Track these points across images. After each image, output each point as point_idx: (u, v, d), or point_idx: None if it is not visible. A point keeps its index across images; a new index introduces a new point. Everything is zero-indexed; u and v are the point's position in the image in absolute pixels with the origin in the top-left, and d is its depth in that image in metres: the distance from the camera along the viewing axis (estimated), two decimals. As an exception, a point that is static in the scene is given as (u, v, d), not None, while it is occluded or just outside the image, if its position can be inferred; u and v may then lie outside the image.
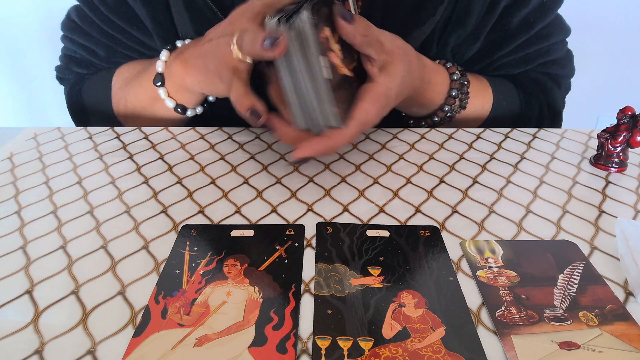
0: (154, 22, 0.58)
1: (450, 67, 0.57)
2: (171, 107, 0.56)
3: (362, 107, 0.42)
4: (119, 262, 0.37)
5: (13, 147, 0.55)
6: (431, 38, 0.58)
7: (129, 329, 0.31)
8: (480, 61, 0.62)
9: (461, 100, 0.57)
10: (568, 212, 0.43)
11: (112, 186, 0.47)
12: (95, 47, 0.63)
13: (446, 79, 0.56)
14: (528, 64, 0.63)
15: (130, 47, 0.63)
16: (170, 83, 0.54)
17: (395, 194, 0.46)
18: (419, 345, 0.30)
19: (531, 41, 0.61)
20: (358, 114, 0.42)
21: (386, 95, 0.44)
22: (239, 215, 0.43)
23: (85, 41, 0.63)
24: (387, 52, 0.44)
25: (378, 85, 0.44)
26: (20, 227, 0.41)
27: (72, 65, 0.66)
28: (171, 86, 0.55)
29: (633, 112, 0.48)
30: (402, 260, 0.37)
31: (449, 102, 0.56)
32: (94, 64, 0.65)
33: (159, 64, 0.55)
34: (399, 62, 0.45)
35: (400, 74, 0.45)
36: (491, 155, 0.53)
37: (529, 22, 0.59)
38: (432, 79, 0.54)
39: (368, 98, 0.43)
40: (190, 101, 0.56)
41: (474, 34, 0.59)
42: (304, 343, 0.30)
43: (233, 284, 0.35)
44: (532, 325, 0.31)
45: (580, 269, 0.36)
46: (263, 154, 0.53)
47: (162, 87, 0.55)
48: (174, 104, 0.56)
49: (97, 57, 0.64)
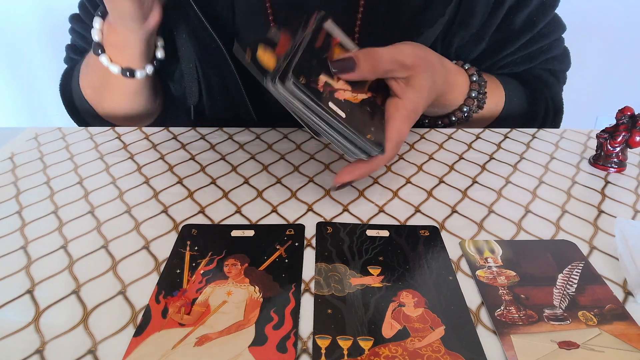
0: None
1: (469, 69, 0.57)
2: (117, 72, 0.56)
3: (395, 127, 0.41)
4: (119, 262, 0.37)
5: (14, 147, 0.55)
6: (435, 39, 0.58)
7: (130, 328, 0.31)
8: (485, 61, 0.63)
9: (479, 100, 0.57)
10: (567, 212, 0.43)
11: (112, 186, 0.47)
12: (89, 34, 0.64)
13: (466, 80, 0.56)
14: (532, 62, 0.63)
15: None
16: (108, 47, 0.55)
17: (395, 194, 0.46)
18: (419, 344, 0.30)
19: (534, 39, 0.61)
20: (392, 135, 0.41)
21: (415, 111, 0.43)
22: (239, 215, 0.43)
23: (82, 30, 0.65)
24: (409, 68, 0.42)
25: (407, 102, 0.42)
26: (21, 227, 0.41)
27: (70, 53, 0.69)
28: (110, 50, 0.56)
29: (632, 113, 0.48)
30: (402, 260, 0.37)
31: (468, 102, 0.57)
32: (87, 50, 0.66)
33: (94, 32, 0.55)
34: (423, 74, 0.43)
35: (427, 87, 0.44)
36: (490, 156, 0.53)
37: (532, 21, 0.60)
38: (454, 81, 0.54)
39: (399, 117, 0.41)
40: (132, 57, 0.56)
41: (479, 34, 0.59)
42: (304, 342, 0.31)
43: (233, 284, 0.35)
44: (531, 325, 0.32)
45: (580, 269, 0.36)
46: (263, 154, 0.53)
47: (104, 54, 0.56)
48: (119, 68, 0.56)
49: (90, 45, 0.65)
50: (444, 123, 0.60)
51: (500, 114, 0.62)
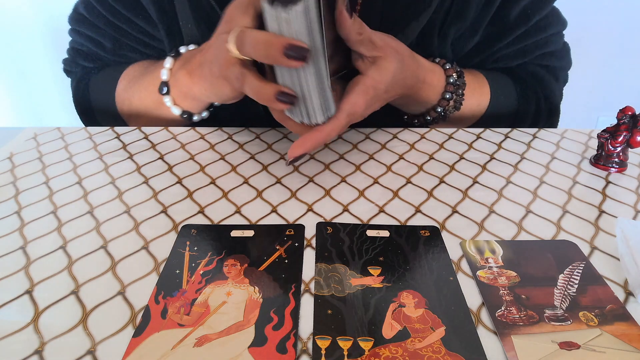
0: (158, 10, 0.58)
1: (448, 69, 0.57)
2: (177, 114, 0.56)
3: (350, 99, 0.43)
4: (119, 262, 0.37)
5: (13, 147, 0.55)
6: (432, 31, 0.58)
7: (129, 329, 0.31)
8: (479, 54, 0.62)
9: (455, 101, 0.57)
10: (568, 212, 0.43)
11: (112, 186, 0.47)
12: (102, 38, 0.63)
13: (442, 79, 0.56)
14: (526, 56, 0.63)
15: (135, 37, 0.63)
16: (176, 91, 0.54)
17: (395, 194, 0.46)
18: (419, 345, 0.30)
19: (529, 33, 0.61)
20: (346, 106, 0.43)
21: (374, 88, 0.44)
22: (239, 215, 0.43)
23: (92, 33, 0.63)
24: (378, 49, 0.44)
25: (367, 78, 0.44)
26: (20, 227, 0.41)
27: (78, 59, 0.66)
28: (177, 94, 0.55)
29: (633, 112, 0.48)
30: (402, 260, 0.37)
31: (442, 103, 0.56)
32: (100, 56, 0.65)
33: (164, 72, 0.55)
34: (390, 58, 0.45)
35: (392, 70, 0.45)
36: (491, 155, 0.53)
37: (526, 14, 0.60)
38: (427, 78, 0.54)
39: (356, 90, 0.43)
40: (196, 108, 0.56)
41: (473, 26, 0.59)
42: (304, 343, 0.30)
43: (233, 284, 0.35)
44: (532, 325, 0.31)
45: (581, 269, 0.36)
46: (263, 154, 0.53)
47: (168, 95, 0.55)
48: (180, 111, 0.56)
49: (103, 49, 0.64)
50: (420, 122, 0.60)
51: (484, 112, 0.62)
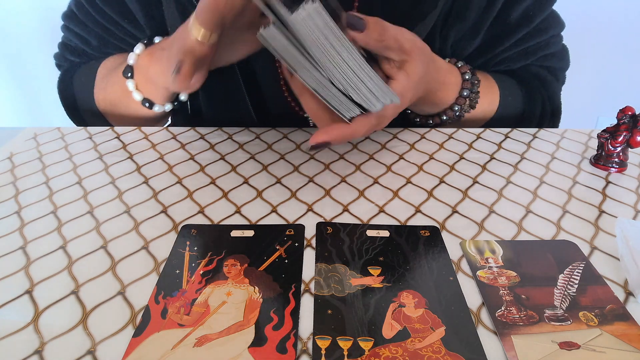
0: (146, 16, 0.59)
1: (462, 67, 0.57)
2: (138, 99, 0.57)
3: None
4: (119, 262, 0.37)
5: (13, 147, 0.55)
6: (433, 33, 0.58)
7: (129, 329, 0.31)
8: (481, 56, 0.62)
9: (471, 99, 0.57)
10: (568, 212, 0.43)
11: (112, 186, 0.47)
12: (89, 36, 0.64)
13: (459, 78, 0.56)
14: (528, 58, 0.63)
15: (122, 38, 0.64)
16: (138, 75, 0.56)
17: (395, 194, 0.46)
18: (419, 345, 0.30)
19: (531, 35, 0.61)
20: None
21: (402, 95, 0.43)
22: (239, 215, 0.43)
23: (80, 30, 0.65)
24: (406, 52, 0.43)
25: (396, 83, 0.43)
26: (20, 227, 0.41)
27: (66, 53, 0.68)
28: (139, 79, 0.56)
29: (633, 112, 0.48)
30: (402, 260, 0.37)
31: (460, 102, 0.56)
32: (87, 52, 0.66)
33: (131, 55, 0.56)
34: (417, 62, 0.44)
35: (418, 75, 0.44)
36: (491, 156, 0.53)
37: (528, 16, 0.60)
38: (446, 79, 0.54)
39: None
40: (156, 95, 0.57)
41: (474, 28, 0.59)
42: (304, 343, 0.30)
43: (233, 284, 0.35)
44: (532, 325, 0.31)
45: (581, 269, 0.36)
46: (263, 154, 0.53)
47: (131, 79, 0.56)
48: (141, 97, 0.57)
49: (89, 46, 0.66)
50: (434, 122, 0.60)
51: (494, 114, 0.62)
